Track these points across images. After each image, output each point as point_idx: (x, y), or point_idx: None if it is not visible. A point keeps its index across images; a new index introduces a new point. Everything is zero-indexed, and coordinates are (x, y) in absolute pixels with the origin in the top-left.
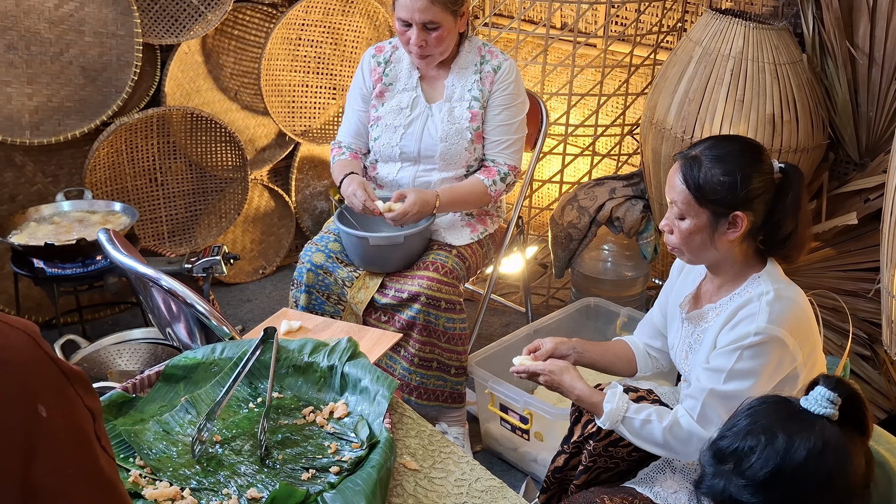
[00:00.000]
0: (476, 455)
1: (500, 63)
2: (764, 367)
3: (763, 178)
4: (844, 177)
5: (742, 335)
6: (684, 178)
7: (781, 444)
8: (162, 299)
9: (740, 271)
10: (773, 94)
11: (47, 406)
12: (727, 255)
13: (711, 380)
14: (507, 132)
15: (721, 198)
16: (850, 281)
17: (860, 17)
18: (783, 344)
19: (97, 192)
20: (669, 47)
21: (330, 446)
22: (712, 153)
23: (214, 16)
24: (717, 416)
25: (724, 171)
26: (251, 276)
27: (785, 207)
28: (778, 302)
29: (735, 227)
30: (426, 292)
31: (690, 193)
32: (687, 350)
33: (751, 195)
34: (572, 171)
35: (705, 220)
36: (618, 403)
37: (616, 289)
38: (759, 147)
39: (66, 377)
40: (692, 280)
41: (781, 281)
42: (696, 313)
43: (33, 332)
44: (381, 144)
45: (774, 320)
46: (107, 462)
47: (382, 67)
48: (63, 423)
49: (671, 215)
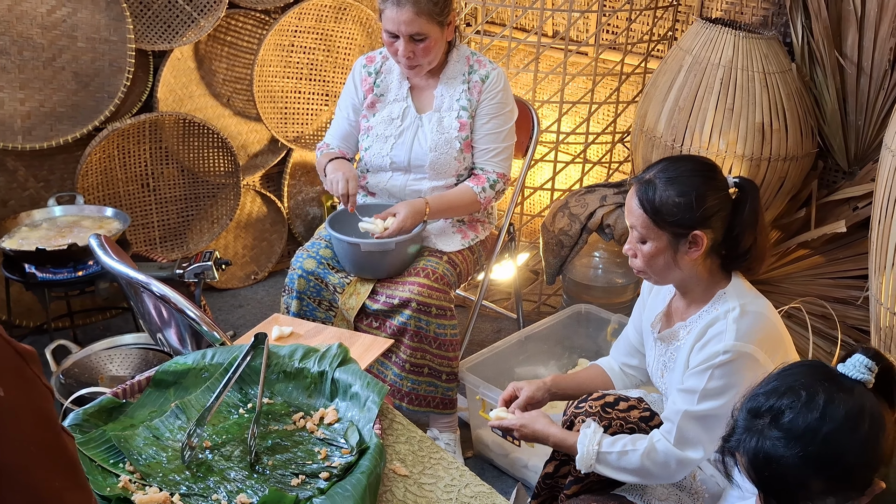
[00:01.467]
0: (467, 461)
1: (488, 72)
2: (736, 384)
3: (718, 196)
4: (833, 185)
5: (712, 354)
6: (640, 203)
7: (821, 401)
8: (153, 305)
9: (707, 288)
10: (762, 103)
11: (5, 386)
12: (692, 273)
13: (685, 401)
14: (495, 140)
15: (678, 219)
16: (839, 288)
17: (848, 26)
18: (753, 359)
19: (89, 198)
20: (660, 56)
21: (320, 452)
22: (665, 175)
23: (207, 22)
24: (694, 435)
25: (679, 192)
26: (243, 281)
27: (743, 221)
28: (744, 317)
29: (696, 246)
30: (417, 298)
31: (648, 217)
32: (662, 368)
33: (708, 213)
34: (563, 178)
35: (666, 241)
36: (588, 446)
37: (607, 295)
38: (711, 165)
39: (22, 357)
40: (662, 298)
41: (748, 295)
42: (667, 332)
43: None
44: (371, 154)
45: (742, 336)
46: (69, 440)
47: (373, 78)
48: (22, 401)
49: (633, 239)
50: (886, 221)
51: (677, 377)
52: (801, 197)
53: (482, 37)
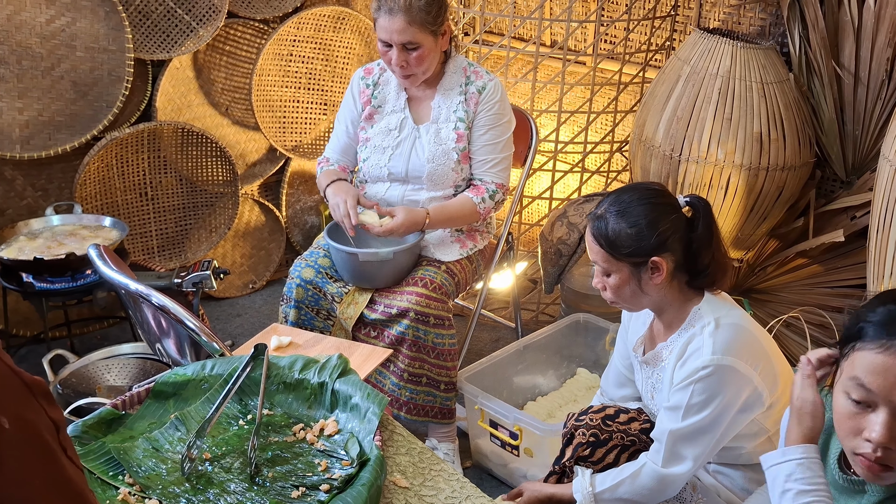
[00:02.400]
0: (466, 471)
1: (485, 83)
2: (718, 397)
3: (669, 219)
4: (831, 194)
5: (692, 371)
6: (595, 239)
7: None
8: (152, 315)
9: (681, 307)
10: (760, 113)
11: (9, 417)
12: (661, 297)
13: (671, 419)
14: (493, 151)
15: (634, 249)
16: (837, 298)
17: (846, 37)
18: (733, 370)
19: (87, 207)
20: (658, 65)
21: (320, 464)
22: (615, 208)
23: (206, 31)
24: (680, 452)
25: (630, 222)
26: (241, 290)
27: (699, 238)
28: (720, 331)
29: (658, 272)
30: (415, 308)
31: (605, 251)
32: (651, 391)
33: (662, 237)
34: (562, 187)
35: (628, 272)
36: (583, 492)
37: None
38: (659, 190)
39: (29, 388)
40: (642, 322)
41: (722, 308)
42: (651, 355)
43: None
44: (369, 165)
45: (720, 350)
46: (75, 472)
47: (371, 90)
48: (26, 434)
49: (598, 273)
50: (884, 231)
51: (665, 397)
52: (799, 206)
53: (481, 46)
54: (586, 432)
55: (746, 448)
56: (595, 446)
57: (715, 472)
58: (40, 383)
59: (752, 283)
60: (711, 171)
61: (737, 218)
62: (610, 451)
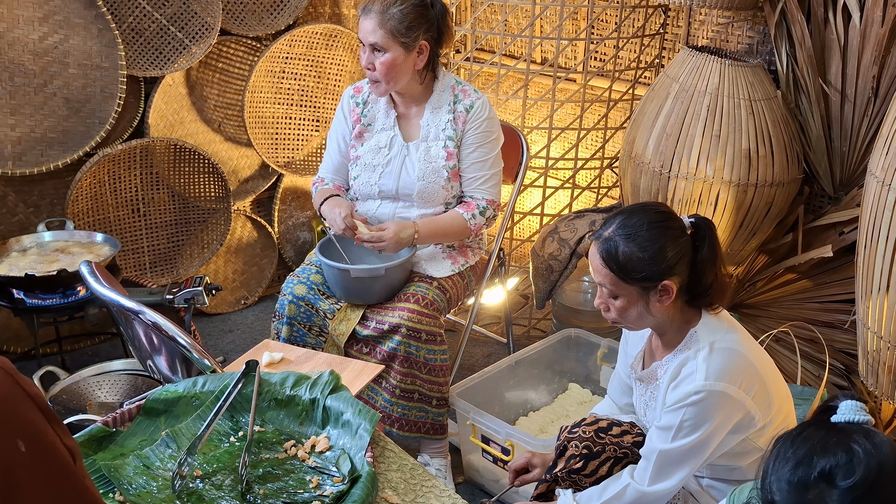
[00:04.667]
0: (458, 486)
1: (473, 102)
2: (709, 421)
3: (678, 242)
4: (819, 210)
5: (684, 395)
6: (604, 262)
7: (863, 446)
8: (143, 332)
9: (679, 328)
10: (748, 130)
11: (26, 442)
12: (664, 318)
13: (661, 439)
14: (482, 168)
15: (645, 273)
16: (827, 312)
17: (832, 55)
18: (726, 396)
19: (79, 223)
20: (647, 83)
21: (311, 481)
22: (624, 232)
23: (199, 49)
24: (668, 470)
25: (640, 247)
26: (233, 306)
27: (703, 259)
28: (714, 356)
29: (666, 294)
30: (407, 324)
31: (614, 275)
32: (644, 407)
33: (671, 262)
34: (553, 203)
35: (636, 294)
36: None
37: (597, 320)
38: (666, 213)
39: (45, 415)
40: (641, 336)
41: (718, 330)
42: (646, 373)
43: (10, 369)
44: (360, 183)
45: (712, 375)
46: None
47: (361, 108)
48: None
49: (603, 295)
50: (872, 246)
51: (657, 415)
52: (787, 222)
53: (472, 63)
54: (579, 444)
55: (740, 465)
56: (588, 458)
57: (708, 486)
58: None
59: (741, 299)
60: (701, 188)
61: (726, 234)
62: (603, 464)
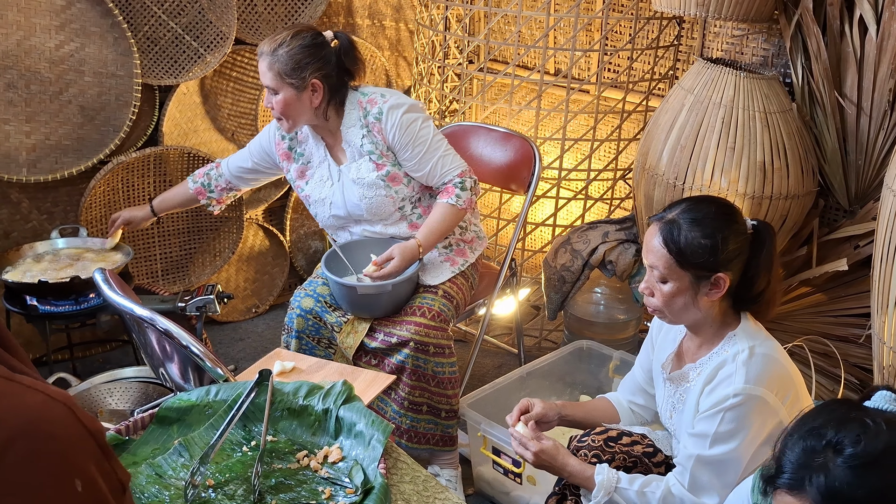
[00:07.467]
0: (468, 498)
1: (380, 108)
2: (747, 427)
3: (739, 238)
4: (834, 223)
5: (722, 398)
6: (665, 243)
7: (879, 424)
8: (156, 339)
9: (718, 330)
10: (763, 142)
11: (83, 480)
12: (707, 314)
13: (697, 446)
14: (430, 157)
15: (704, 261)
16: (841, 326)
17: (848, 67)
18: (763, 402)
19: (92, 230)
20: (661, 94)
21: (324, 491)
22: (689, 216)
23: (213, 58)
24: (707, 481)
25: (704, 233)
26: (244, 314)
27: (759, 264)
28: (753, 360)
29: (717, 288)
30: (414, 338)
31: (672, 257)
32: (671, 409)
33: (730, 256)
34: (565, 214)
35: (688, 282)
36: (608, 475)
37: (608, 331)
38: (733, 207)
39: (102, 451)
40: (672, 338)
41: (757, 336)
42: (677, 374)
43: (71, 404)
44: (320, 219)
45: (752, 380)
46: None
47: (287, 143)
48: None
49: (652, 279)
50: (888, 260)
51: (687, 419)
52: (802, 235)
53: (486, 74)
54: (588, 453)
55: None
56: None
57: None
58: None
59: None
60: None
61: None
62: None
